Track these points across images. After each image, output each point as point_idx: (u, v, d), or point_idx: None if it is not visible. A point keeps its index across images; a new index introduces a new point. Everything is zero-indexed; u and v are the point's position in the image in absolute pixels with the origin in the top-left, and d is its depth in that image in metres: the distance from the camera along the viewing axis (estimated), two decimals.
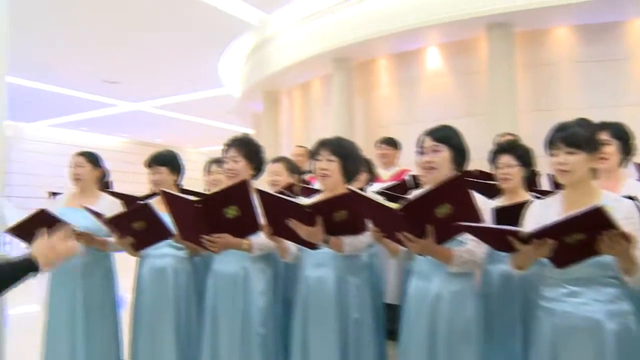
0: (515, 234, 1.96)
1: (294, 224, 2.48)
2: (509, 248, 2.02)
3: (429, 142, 2.51)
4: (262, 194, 2.52)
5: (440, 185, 2.10)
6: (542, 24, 7.32)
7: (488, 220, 2.39)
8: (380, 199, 2.37)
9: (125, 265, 3.58)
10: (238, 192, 2.60)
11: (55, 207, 3.62)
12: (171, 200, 2.73)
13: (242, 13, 9.40)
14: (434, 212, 2.12)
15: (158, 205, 3.02)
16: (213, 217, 2.62)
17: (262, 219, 2.60)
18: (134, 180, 16.02)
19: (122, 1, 8.49)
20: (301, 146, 6.38)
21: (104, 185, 4.24)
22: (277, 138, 11.97)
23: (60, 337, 3.40)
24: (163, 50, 10.92)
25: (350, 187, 2.33)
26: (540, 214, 2.28)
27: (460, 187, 2.10)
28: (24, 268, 1.76)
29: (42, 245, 1.83)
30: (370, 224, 2.42)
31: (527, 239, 1.94)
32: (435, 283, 2.41)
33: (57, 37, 10.16)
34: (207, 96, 15.08)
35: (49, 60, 11.66)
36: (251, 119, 14.73)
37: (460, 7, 7.19)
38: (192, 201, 2.56)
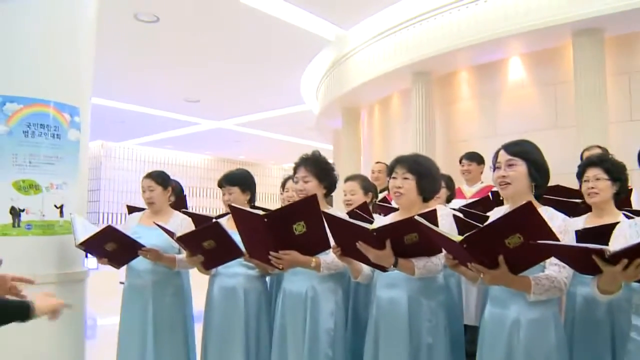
0: (599, 252, 1.77)
1: (362, 247, 2.41)
2: (594, 269, 1.84)
3: (504, 156, 2.38)
4: (329, 217, 2.48)
5: (506, 217, 1.96)
6: (635, 27, 6.87)
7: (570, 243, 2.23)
8: (445, 230, 2.25)
9: (202, 282, 3.63)
10: (306, 208, 2.57)
11: (129, 225, 3.75)
12: (239, 216, 2.74)
13: (319, 30, 9.47)
14: (504, 243, 1.97)
15: (229, 224, 3.05)
16: (281, 232, 2.60)
17: (331, 239, 2.57)
18: (218, 196, 16.23)
19: (202, 23, 8.74)
20: (380, 162, 6.33)
21: (180, 201, 4.34)
22: (357, 154, 11.93)
23: (131, 354, 3.48)
24: (243, 70, 11.14)
25: (416, 216, 2.23)
26: (631, 233, 2.11)
27: (530, 215, 1.92)
28: (17, 313, 1.85)
29: (44, 299, 1.96)
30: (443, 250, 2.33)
31: (613, 258, 1.76)
32: (512, 310, 2.26)
33: (141, 59, 10.59)
34: (288, 113, 15.23)
35: (134, 81, 12.17)
36: (331, 135, 14.77)
37: (544, 14, 6.90)
38: (260, 216, 2.55)
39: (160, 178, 3.71)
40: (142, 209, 3.90)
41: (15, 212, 3.27)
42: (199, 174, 22.74)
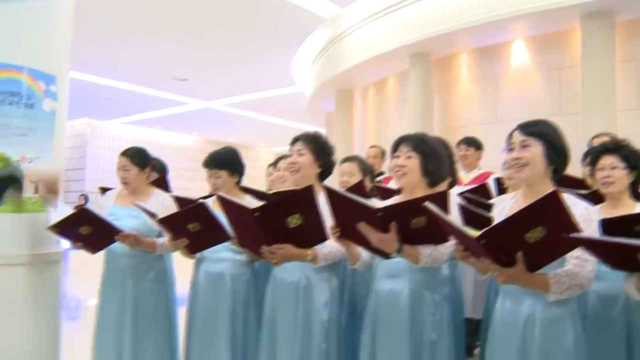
0: None
1: (364, 229, 2.20)
2: (632, 266, 1.67)
3: (518, 137, 2.17)
4: (330, 192, 2.28)
5: (530, 208, 1.75)
6: None
7: (594, 234, 2.03)
8: (458, 223, 2.04)
9: (186, 265, 3.43)
10: (302, 200, 2.37)
11: (104, 205, 3.52)
12: (228, 207, 2.53)
13: (314, 6, 9.23)
14: (524, 238, 1.77)
15: (216, 206, 2.84)
16: (274, 226, 2.40)
17: (330, 220, 2.37)
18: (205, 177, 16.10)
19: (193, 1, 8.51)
20: (375, 146, 6.14)
21: (162, 182, 4.12)
22: (350, 138, 11.77)
23: (108, 341, 3.29)
24: (233, 47, 10.93)
25: (427, 204, 2.02)
26: None
27: (556, 205, 1.72)
28: None
29: None
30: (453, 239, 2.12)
31: None
32: (526, 305, 2.07)
33: (128, 34, 10.34)
34: (279, 94, 15.09)
35: (120, 57, 11.92)
36: (323, 118, 14.61)
37: None
38: (251, 210, 2.34)
39: (137, 157, 3.45)
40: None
41: None
42: (186, 155, 22.62)
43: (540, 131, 2.17)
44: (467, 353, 2.91)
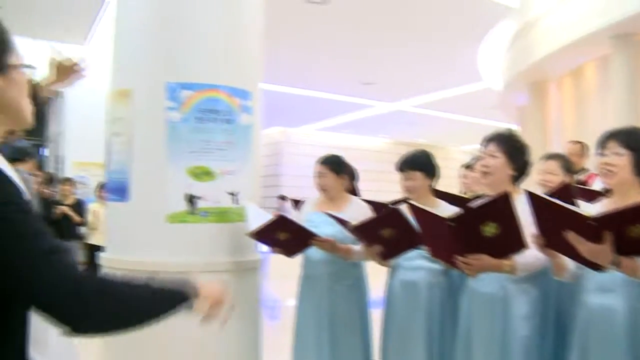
0: None
1: (573, 239, 2.00)
2: None
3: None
4: (533, 197, 2.12)
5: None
6: None
7: None
8: None
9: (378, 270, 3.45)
10: (498, 207, 2.23)
11: (303, 212, 3.64)
12: (419, 215, 2.46)
13: None
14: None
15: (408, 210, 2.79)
16: (468, 236, 2.28)
17: (529, 226, 2.21)
18: (396, 180, 16.10)
19: (374, 2, 8.55)
20: (576, 142, 5.70)
21: (351, 188, 4.18)
22: (545, 133, 11.08)
23: (307, 347, 3.39)
24: (418, 47, 10.83)
25: None
26: None
27: None
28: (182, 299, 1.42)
29: (212, 290, 1.50)
30: None
31: None
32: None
33: (313, 43, 10.69)
34: (467, 91, 14.69)
35: (310, 67, 12.37)
36: (515, 113, 13.94)
37: None
38: (445, 219, 2.25)
39: (333, 164, 3.54)
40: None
41: (191, 199, 3.30)
42: (376, 158, 22.83)
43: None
44: None
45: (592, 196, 2.85)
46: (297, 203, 3.85)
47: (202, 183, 3.31)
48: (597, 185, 5.02)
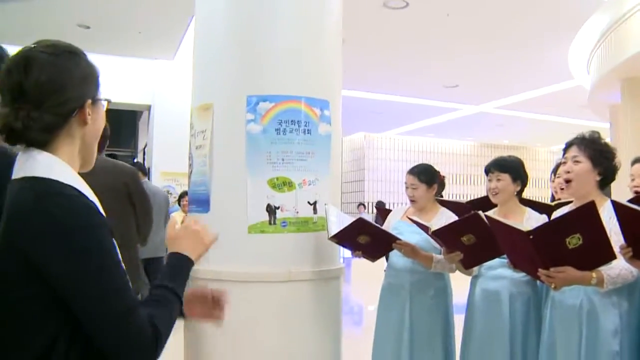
0: None
1: None
2: None
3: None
4: (618, 207, 2.01)
5: None
6: None
7: None
8: None
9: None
10: (582, 218, 2.13)
11: (391, 220, 3.61)
12: (497, 227, 2.38)
13: None
14: None
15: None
16: (551, 248, 2.19)
17: (616, 236, 2.08)
18: (482, 182, 15.89)
19: (453, 4, 8.40)
20: None
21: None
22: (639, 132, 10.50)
23: (386, 358, 3.34)
24: (503, 47, 10.52)
25: None
26: None
27: None
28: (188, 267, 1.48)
29: (189, 239, 1.49)
30: None
31: None
32: None
33: (393, 48, 10.63)
34: (554, 90, 14.11)
35: (389, 71, 12.31)
36: (607, 112, 13.28)
37: None
38: (524, 232, 2.16)
39: (424, 175, 3.50)
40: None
41: (271, 210, 3.33)
42: (461, 161, 22.44)
43: None
44: None
45: None
46: (385, 212, 3.83)
47: (282, 194, 3.35)
48: None
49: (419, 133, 21.15)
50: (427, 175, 3.46)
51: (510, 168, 3.09)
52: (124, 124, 12.55)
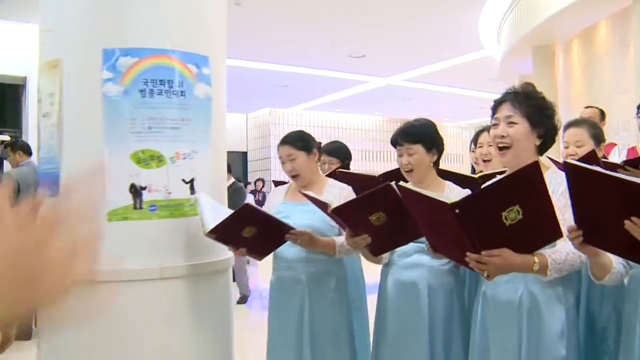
0: None
1: (632, 229, 1.50)
2: None
3: None
4: (573, 170, 1.61)
5: None
6: None
7: None
8: None
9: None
10: (524, 182, 1.72)
11: (271, 203, 3.13)
12: (413, 200, 1.94)
13: None
14: None
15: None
16: (483, 225, 1.75)
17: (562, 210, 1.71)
18: (392, 158, 15.73)
19: None
20: (591, 106, 5.37)
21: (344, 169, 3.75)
22: (552, 100, 10.62)
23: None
24: (411, 15, 10.34)
25: None
26: None
27: None
28: None
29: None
30: None
31: None
32: None
33: (298, 16, 10.24)
34: (464, 61, 14.20)
35: (292, 40, 11.94)
36: (518, 82, 13.42)
37: None
38: (449, 205, 1.70)
39: (299, 141, 3.03)
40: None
41: (136, 191, 2.77)
42: (370, 136, 22.62)
43: None
44: None
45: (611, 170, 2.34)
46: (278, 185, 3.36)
47: (150, 170, 2.81)
48: (614, 156, 4.56)
49: (327, 108, 21.03)
50: (302, 141, 3.01)
51: (422, 136, 2.66)
52: (7, 100, 11.43)
